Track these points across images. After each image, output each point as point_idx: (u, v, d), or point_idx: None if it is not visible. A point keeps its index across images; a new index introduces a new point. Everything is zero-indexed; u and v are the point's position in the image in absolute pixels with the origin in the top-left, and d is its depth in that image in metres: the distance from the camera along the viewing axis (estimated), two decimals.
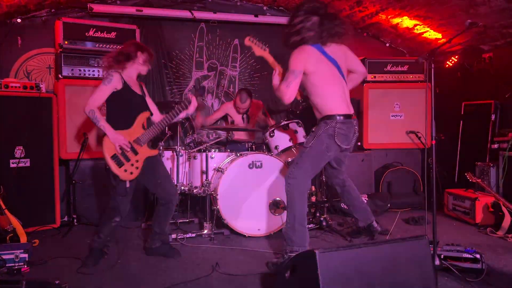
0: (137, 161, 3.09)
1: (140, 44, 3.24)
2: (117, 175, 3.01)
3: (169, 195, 3.28)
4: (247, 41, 3.22)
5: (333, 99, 3.06)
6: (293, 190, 3.01)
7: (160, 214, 3.32)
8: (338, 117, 3.02)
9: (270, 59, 3.20)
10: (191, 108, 3.35)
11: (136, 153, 3.09)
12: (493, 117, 4.74)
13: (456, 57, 5.21)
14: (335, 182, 3.49)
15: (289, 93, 2.96)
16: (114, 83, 3.04)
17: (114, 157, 3.01)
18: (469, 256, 2.81)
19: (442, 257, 2.83)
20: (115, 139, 3.00)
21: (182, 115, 3.38)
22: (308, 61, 3.00)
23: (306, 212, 3.06)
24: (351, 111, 3.13)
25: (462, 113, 5.15)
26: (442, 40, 5.02)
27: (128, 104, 3.12)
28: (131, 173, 3.07)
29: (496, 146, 4.56)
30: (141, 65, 3.17)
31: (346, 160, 3.38)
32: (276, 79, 3.19)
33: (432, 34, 5.02)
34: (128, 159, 3.05)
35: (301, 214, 3.00)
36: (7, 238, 3.29)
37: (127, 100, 3.11)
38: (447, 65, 5.31)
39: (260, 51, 3.18)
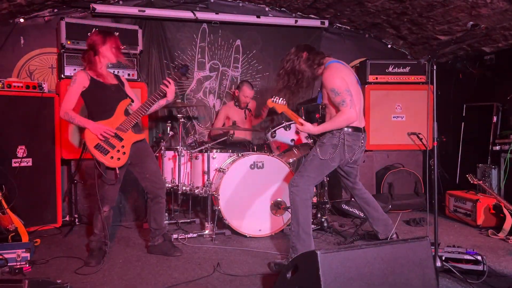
0: (123, 146, 3.10)
1: (99, 35, 3.14)
2: (103, 163, 3.04)
3: (156, 188, 3.31)
4: (270, 103, 3.15)
5: None
6: (295, 197, 3.03)
7: (151, 210, 3.35)
8: (345, 129, 3.04)
9: (289, 112, 3.17)
10: (170, 95, 3.27)
11: (120, 139, 3.10)
12: (494, 119, 4.73)
13: (458, 58, 5.21)
14: (353, 193, 3.49)
15: (354, 111, 2.95)
16: (79, 82, 3.06)
17: (97, 146, 3.03)
18: (471, 257, 2.81)
19: (443, 258, 2.84)
20: (95, 129, 3.02)
21: (162, 102, 3.31)
22: (345, 76, 3.01)
23: (311, 219, 3.06)
24: (361, 124, 3.14)
25: (463, 114, 5.15)
26: (444, 42, 5.01)
27: (102, 97, 3.12)
28: (118, 159, 3.08)
29: (497, 148, 4.56)
30: (105, 56, 3.15)
31: (356, 172, 3.37)
32: (310, 127, 3.08)
33: (434, 36, 5.01)
34: (113, 146, 3.07)
35: (305, 221, 3.01)
36: (9, 237, 3.30)
37: (100, 94, 3.11)
38: (448, 67, 5.31)
39: (282, 107, 3.14)
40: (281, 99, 3.14)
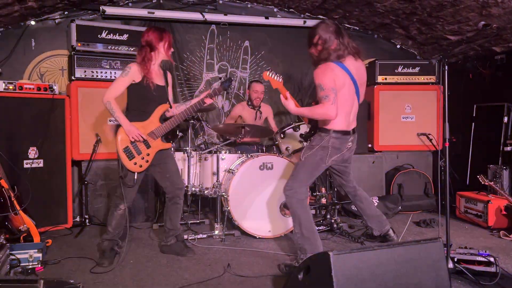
0: (148, 154, 3.13)
1: (156, 32, 3.16)
2: (126, 167, 3.07)
3: (175, 189, 3.32)
4: (266, 76, 3.14)
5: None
6: (291, 200, 3.06)
7: (168, 210, 3.37)
8: (332, 133, 3.01)
9: (282, 88, 3.15)
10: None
11: (148, 146, 3.13)
12: (505, 119, 4.69)
13: (468, 58, 5.17)
14: (346, 191, 3.50)
15: (335, 109, 2.88)
16: (131, 76, 3.07)
17: (126, 149, 3.07)
18: (483, 259, 2.79)
19: (455, 260, 2.82)
20: (129, 131, 3.04)
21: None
22: (336, 79, 2.94)
23: (312, 218, 3.07)
24: (349, 127, 3.09)
25: (474, 115, 5.11)
26: (454, 41, 4.98)
27: (145, 97, 3.13)
28: (140, 166, 3.12)
29: (509, 148, 4.52)
30: (161, 53, 3.16)
31: (350, 170, 3.39)
32: (291, 104, 3.05)
33: (443, 36, 4.98)
34: (139, 152, 3.10)
35: (306, 221, 3.02)
36: (21, 238, 3.32)
37: (145, 93, 3.11)
38: (458, 67, 5.27)
39: (277, 83, 3.13)
40: (277, 75, 3.13)
